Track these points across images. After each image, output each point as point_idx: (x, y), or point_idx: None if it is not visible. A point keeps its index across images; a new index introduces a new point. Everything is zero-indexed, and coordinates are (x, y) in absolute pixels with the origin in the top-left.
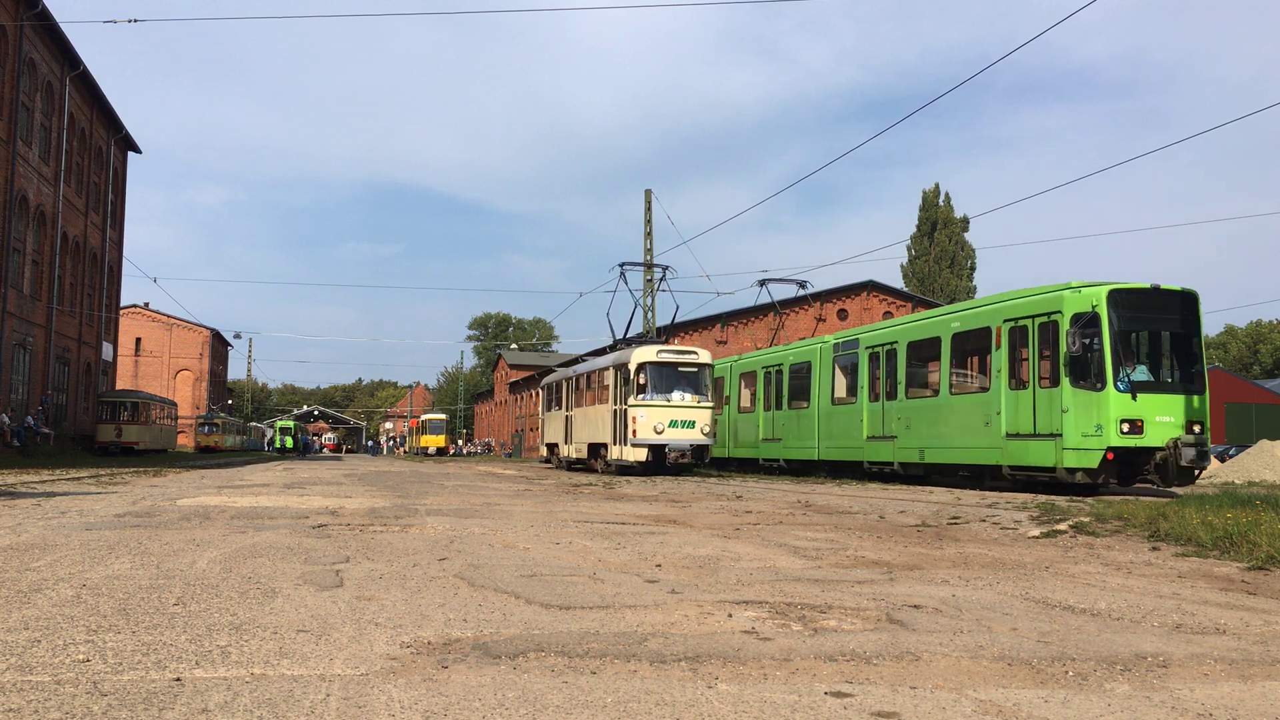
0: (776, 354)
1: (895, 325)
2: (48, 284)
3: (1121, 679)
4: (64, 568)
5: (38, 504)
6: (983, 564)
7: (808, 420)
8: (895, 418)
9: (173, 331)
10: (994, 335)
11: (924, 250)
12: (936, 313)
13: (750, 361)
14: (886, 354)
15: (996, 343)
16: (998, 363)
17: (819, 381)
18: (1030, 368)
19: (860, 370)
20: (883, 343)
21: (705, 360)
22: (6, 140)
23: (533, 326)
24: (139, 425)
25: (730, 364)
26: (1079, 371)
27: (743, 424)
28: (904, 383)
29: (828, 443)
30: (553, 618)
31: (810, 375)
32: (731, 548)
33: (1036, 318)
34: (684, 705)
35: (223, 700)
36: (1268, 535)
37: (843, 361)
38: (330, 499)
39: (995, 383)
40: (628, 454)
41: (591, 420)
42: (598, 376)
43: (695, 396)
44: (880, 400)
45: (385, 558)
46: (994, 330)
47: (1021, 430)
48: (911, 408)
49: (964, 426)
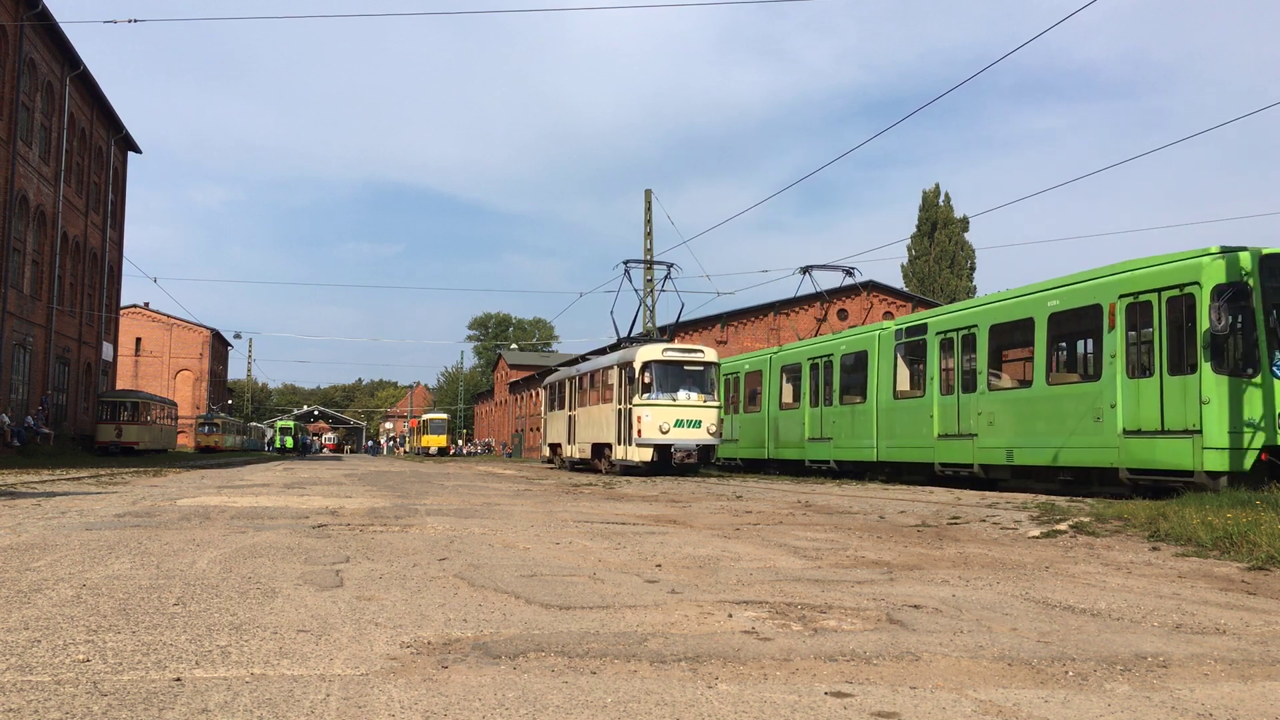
0: (825, 344)
1: (973, 306)
2: (48, 284)
3: (1121, 679)
4: (64, 568)
5: (38, 504)
6: (983, 564)
7: (864, 417)
8: (974, 413)
9: (173, 331)
10: (1106, 314)
11: (924, 250)
12: (1026, 290)
13: (794, 353)
14: (963, 340)
15: (1110, 323)
16: (1111, 346)
17: (877, 373)
18: (1156, 352)
19: (929, 359)
20: (958, 327)
21: (711, 359)
22: (6, 140)
23: (533, 326)
24: (139, 425)
25: (769, 356)
26: (1223, 355)
27: (785, 422)
28: (985, 372)
29: (889, 442)
30: (553, 618)
31: (867, 366)
32: (731, 548)
33: (1164, 291)
34: (684, 705)
35: (223, 700)
36: (1268, 535)
37: (907, 350)
38: (330, 499)
39: (1108, 370)
40: (632, 454)
41: (595, 420)
42: (602, 375)
43: (701, 395)
44: (955, 393)
45: (385, 558)
46: (1106, 308)
47: (1145, 427)
48: (996, 401)
49: (1066, 423)
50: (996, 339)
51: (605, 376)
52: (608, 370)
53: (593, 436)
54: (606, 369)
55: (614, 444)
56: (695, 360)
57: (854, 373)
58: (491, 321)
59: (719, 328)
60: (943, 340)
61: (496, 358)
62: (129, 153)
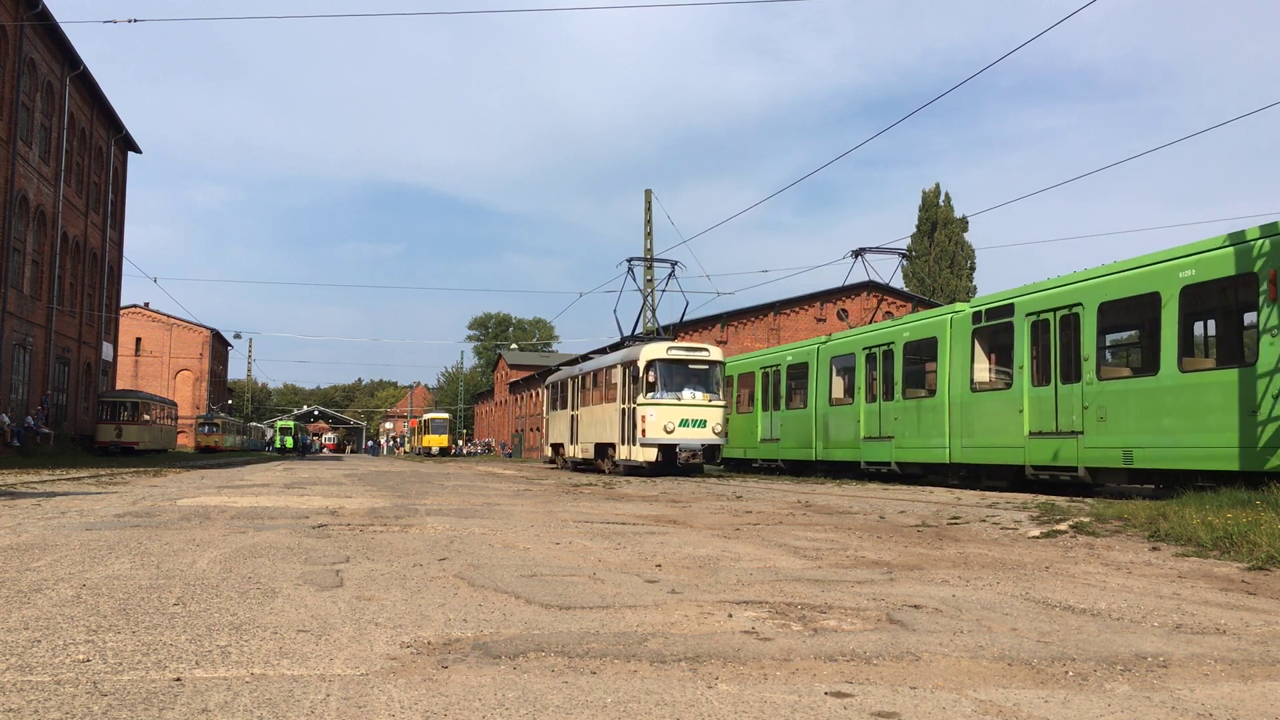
0: (884, 331)
1: (1072, 282)
2: (48, 284)
3: (1121, 679)
4: (64, 568)
5: (38, 504)
6: (983, 564)
7: (933, 413)
8: (1079, 407)
9: (173, 331)
10: (1265, 284)
11: (924, 250)
12: (1145, 260)
13: (846, 342)
14: (1062, 322)
15: (1271, 293)
16: (1270, 319)
17: (949, 363)
18: None
19: (1018, 345)
20: (1055, 306)
21: (716, 357)
22: (6, 140)
23: (533, 326)
24: (139, 425)
25: (817, 347)
26: None
27: (836, 420)
28: (1094, 359)
29: (965, 441)
30: (553, 618)
31: (936, 355)
32: (731, 548)
33: None
34: (684, 705)
35: (223, 700)
36: (1268, 535)
37: (987, 334)
38: (330, 499)
39: (1267, 353)
40: (636, 454)
41: (598, 420)
42: (605, 375)
43: (706, 395)
44: (1052, 384)
45: (385, 558)
46: (1265, 277)
47: None
48: (1109, 393)
49: (1205, 417)
50: (1110, 318)
51: (609, 375)
52: (611, 369)
53: (596, 436)
54: (610, 368)
55: (618, 444)
56: (700, 359)
57: (920, 363)
58: (491, 321)
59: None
60: (1035, 323)
61: (496, 358)
62: (129, 153)
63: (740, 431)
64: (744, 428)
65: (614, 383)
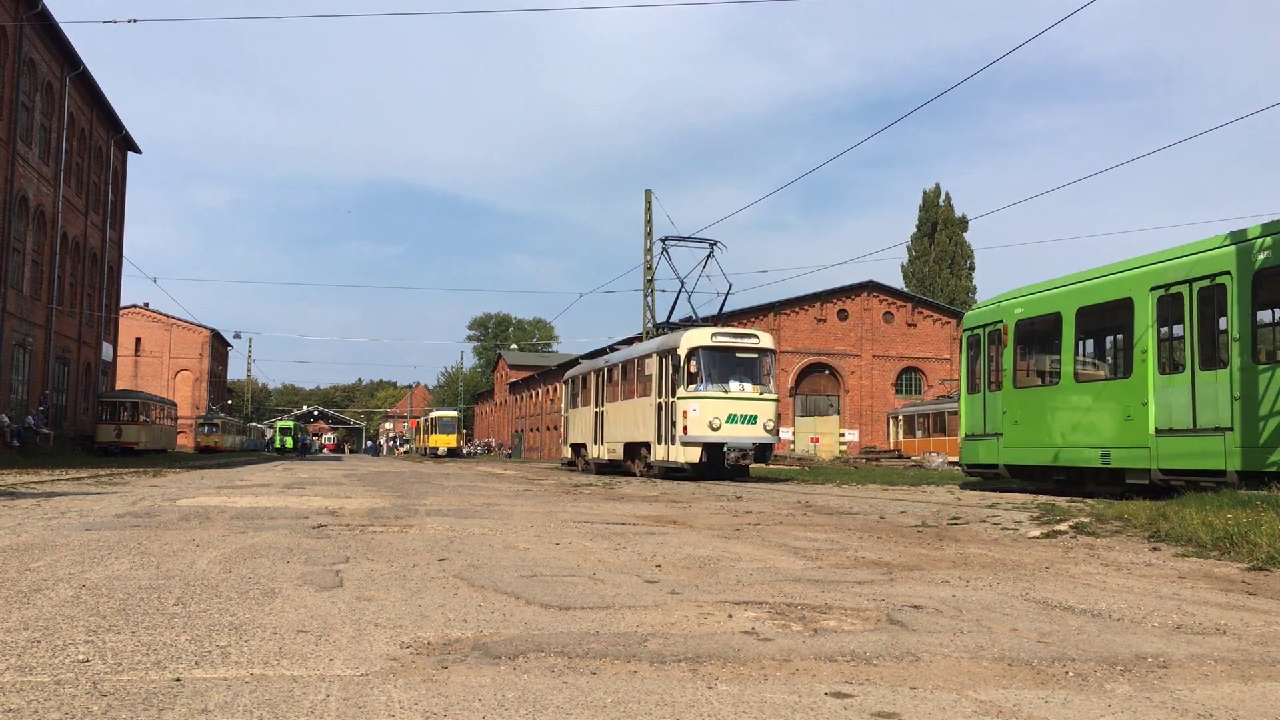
0: (1210, 252)
1: None
2: (48, 284)
3: (1122, 679)
4: (64, 568)
5: (37, 504)
6: (983, 564)
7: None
8: None
9: (173, 331)
10: None
11: (924, 250)
12: None
13: (1039, 300)
14: None
15: None
16: None
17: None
18: None
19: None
20: None
21: (767, 344)
22: (6, 140)
23: (533, 327)
24: (139, 425)
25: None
26: None
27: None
28: None
29: None
30: (553, 618)
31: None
32: (731, 548)
33: None
34: (684, 705)
35: (223, 700)
36: (1268, 535)
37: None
38: (330, 499)
39: None
40: (676, 454)
41: (629, 416)
42: (637, 365)
43: (756, 386)
44: None
45: (385, 558)
46: None
47: None
48: None
49: None
50: None
51: (642, 366)
52: (645, 359)
53: (626, 435)
54: (643, 358)
55: (653, 443)
56: (749, 346)
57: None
58: (491, 322)
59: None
60: None
61: (496, 358)
62: (129, 153)
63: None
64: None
65: (648, 374)
